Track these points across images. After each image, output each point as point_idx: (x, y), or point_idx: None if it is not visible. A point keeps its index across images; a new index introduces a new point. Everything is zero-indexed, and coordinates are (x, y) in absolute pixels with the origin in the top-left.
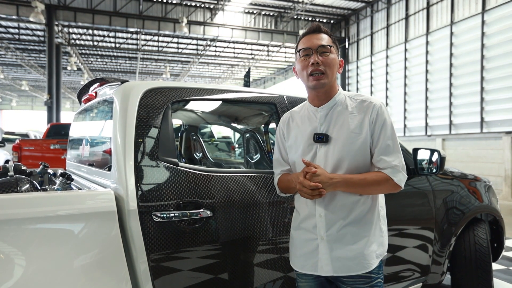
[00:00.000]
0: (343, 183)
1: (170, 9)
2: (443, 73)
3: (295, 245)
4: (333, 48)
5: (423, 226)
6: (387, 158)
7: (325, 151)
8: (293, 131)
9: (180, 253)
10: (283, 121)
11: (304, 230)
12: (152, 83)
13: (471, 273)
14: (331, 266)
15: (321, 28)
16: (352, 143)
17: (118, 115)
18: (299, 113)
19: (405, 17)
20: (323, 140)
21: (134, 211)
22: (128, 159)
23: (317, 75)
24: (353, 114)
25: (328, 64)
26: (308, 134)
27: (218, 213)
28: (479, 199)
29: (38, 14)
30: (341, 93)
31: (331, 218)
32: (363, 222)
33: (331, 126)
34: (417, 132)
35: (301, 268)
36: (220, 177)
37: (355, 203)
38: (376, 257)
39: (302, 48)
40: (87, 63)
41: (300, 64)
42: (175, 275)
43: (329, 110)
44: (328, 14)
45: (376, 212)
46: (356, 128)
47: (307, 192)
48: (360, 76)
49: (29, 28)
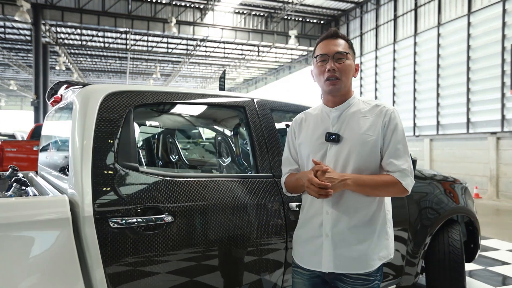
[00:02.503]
0: (354, 182)
1: (160, 9)
2: (431, 74)
3: (301, 242)
4: (350, 54)
5: (396, 227)
6: (397, 161)
7: (336, 151)
8: (304, 129)
9: (139, 260)
10: (296, 121)
11: (310, 228)
12: (115, 86)
13: (445, 274)
14: (333, 263)
15: (338, 34)
16: (363, 144)
17: (77, 118)
18: (313, 114)
19: (394, 18)
20: (335, 140)
21: (89, 218)
22: (85, 164)
23: (333, 80)
24: (366, 117)
25: (344, 70)
26: (320, 133)
27: (180, 219)
28: (455, 201)
29: (24, 13)
30: (356, 97)
31: (337, 217)
32: (369, 224)
33: (343, 127)
34: (406, 133)
35: (306, 264)
36: (183, 182)
37: (362, 204)
38: (378, 259)
39: (319, 54)
40: (77, 63)
41: (317, 69)
42: (134, 284)
43: (342, 111)
44: (318, 15)
45: (382, 214)
46: (369, 130)
47: (314, 190)
48: None
49: (15, 27)
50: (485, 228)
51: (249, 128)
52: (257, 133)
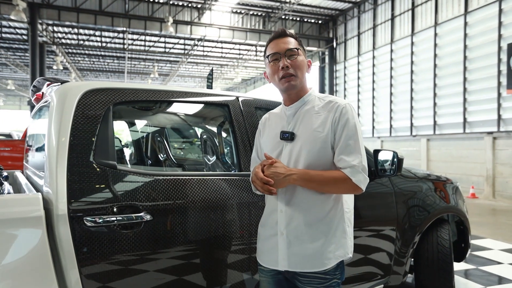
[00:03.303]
0: (300, 177)
1: (157, 8)
2: (428, 74)
3: (262, 240)
4: (300, 50)
5: (384, 227)
6: (347, 157)
7: (290, 149)
8: (267, 129)
9: (116, 260)
10: (261, 121)
11: (268, 226)
12: (93, 83)
13: (433, 273)
14: (287, 261)
15: (287, 32)
16: (314, 141)
17: (54, 116)
18: (276, 113)
19: (391, 18)
20: (289, 138)
21: (63, 216)
22: (60, 161)
23: (288, 77)
24: (318, 113)
25: (297, 66)
26: (277, 131)
27: (159, 217)
28: (445, 200)
29: (20, 12)
30: (312, 93)
31: (291, 214)
32: (324, 222)
33: (298, 124)
34: (403, 133)
35: (266, 262)
36: (162, 180)
37: (316, 202)
38: (334, 258)
39: (270, 54)
40: (74, 62)
41: (270, 69)
42: (111, 284)
43: (297, 109)
44: (315, 15)
45: (339, 213)
46: (319, 126)
47: (259, 184)
48: (348, 77)
49: (12, 26)
50: (479, 228)
51: (233, 127)
52: (241, 132)
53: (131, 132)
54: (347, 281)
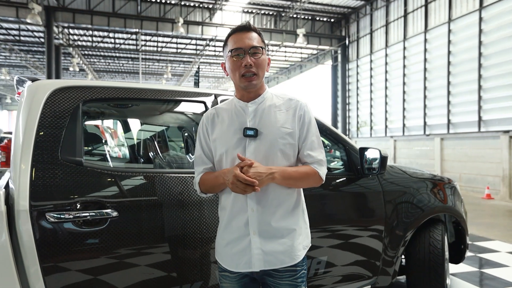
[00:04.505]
0: (280, 175)
1: (168, 9)
2: (441, 71)
3: (227, 244)
4: (264, 48)
5: (371, 226)
6: (313, 153)
7: (255, 146)
8: (218, 126)
9: (80, 256)
10: (207, 117)
11: (235, 228)
12: (63, 82)
13: (424, 274)
14: (264, 260)
15: (251, 27)
16: (281, 137)
17: (21, 113)
18: (226, 108)
19: (404, 15)
20: (253, 135)
21: (24, 212)
22: (24, 158)
23: (249, 76)
24: (281, 110)
25: (260, 65)
26: (236, 128)
27: (126, 214)
28: (441, 200)
29: (36, 16)
30: (269, 91)
31: (263, 212)
32: (291, 215)
33: (261, 121)
34: (416, 132)
35: (235, 267)
36: (129, 176)
37: (285, 197)
38: (303, 248)
39: (234, 48)
40: (91, 64)
41: (232, 64)
42: (72, 277)
43: (258, 105)
44: (327, 13)
45: (301, 205)
46: (286, 123)
47: (240, 186)
48: (360, 75)
49: (30, 29)
50: (490, 229)
51: None
52: None
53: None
54: (333, 281)
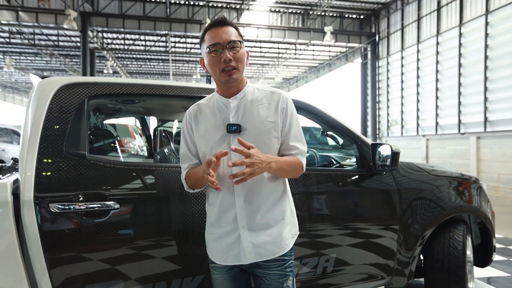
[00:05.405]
0: (276, 164)
1: (196, 10)
2: (478, 66)
3: (216, 239)
4: (241, 42)
5: (385, 225)
6: (297, 144)
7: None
8: (201, 122)
9: (82, 245)
10: (190, 113)
11: (224, 223)
12: (69, 78)
13: (443, 276)
14: (254, 253)
15: (227, 21)
16: (265, 131)
17: (30, 108)
18: (208, 105)
19: (437, 8)
20: (236, 131)
21: (29, 202)
22: (30, 151)
23: (230, 71)
24: (263, 104)
25: (239, 59)
26: (219, 124)
27: (127, 206)
28: (464, 199)
29: (72, 22)
30: (250, 85)
31: (251, 206)
32: (278, 205)
33: (244, 116)
34: (450, 130)
35: (224, 261)
36: (130, 169)
37: (272, 188)
38: (291, 237)
39: (212, 44)
40: (124, 66)
41: (211, 60)
42: (75, 267)
43: (239, 100)
44: (356, 9)
45: (287, 194)
46: (268, 117)
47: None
48: (391, 72)
49: (67, 35)
50: None
51: None
52: None
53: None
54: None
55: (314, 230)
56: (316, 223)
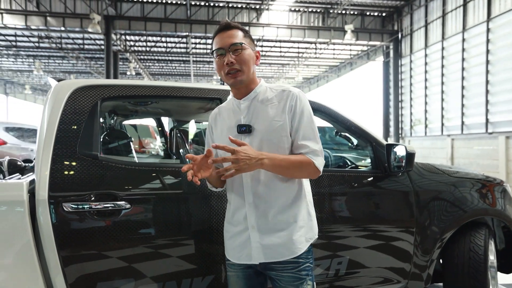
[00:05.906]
0: (270, 161)
1: (216, 12)
2: (507, 63)
3: (230, 237)
4: (245, 43)
5: (400, 227)
6: (308, 143)
7: (249, 142)
8: (219, 124)
9: (94, 244)
10: (212, 116)
11: (236, 222)
12: (85, 81)
13: (463, 281)
14: (263, 253)
15: (231, 24)
16: (273, 131)
17: (46, 110)
18: (226, 107)
19: (463, 4)
20: (246, 131)
21: (43, 201)
22: (45, 151)
23: (233, 73)
24: (273, 103)
25: (243, 61)
26: (232, 125)
27: (138, 206)
28: (488, 202)
29: (96, 25)
30: (263, 85)
31: (260, 206)
32: (292, 208)
33: (254, 116)
34: (477, 130)
35: (237, 259)
36: (142, 170)
37: (283, 189)
38: (306, 241)
39: (216, 49)
40: (146, 68)
41: (216, 64)
42: (88, 265)
43: (250, 101)
44: (378, 7)
45: (303, 197)
46: (276, 116)
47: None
48: (414, 71)
49: (92, 38)
50: None
51: None
52: None
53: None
54: (357, 284)
55: (326, 231)
56: (329, 224)
